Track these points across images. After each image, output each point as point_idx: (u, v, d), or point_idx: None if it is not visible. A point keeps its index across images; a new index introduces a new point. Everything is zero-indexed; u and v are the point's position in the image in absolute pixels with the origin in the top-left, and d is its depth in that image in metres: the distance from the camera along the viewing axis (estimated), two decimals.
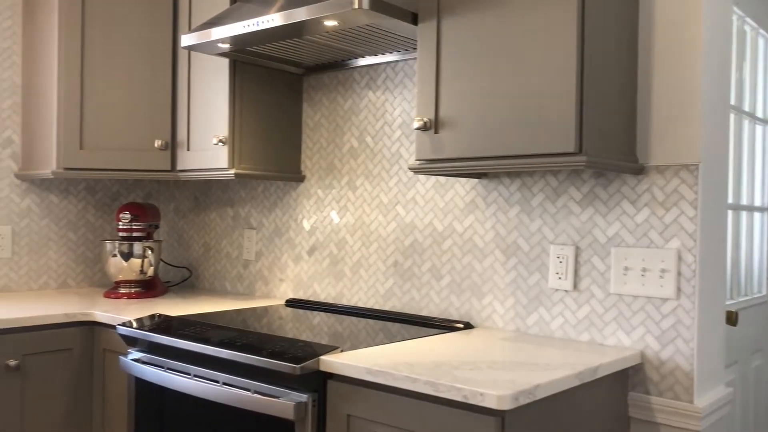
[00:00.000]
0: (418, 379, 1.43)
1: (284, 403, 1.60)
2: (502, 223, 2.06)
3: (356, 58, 2.35)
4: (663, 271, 1.75)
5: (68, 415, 2.26)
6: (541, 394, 1.41)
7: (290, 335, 1.90)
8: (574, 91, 1.55)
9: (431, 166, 1.80)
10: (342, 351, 1.68)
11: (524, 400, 1.37)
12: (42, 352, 2.19)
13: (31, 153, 2.67)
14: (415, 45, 2.13)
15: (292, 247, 2.64)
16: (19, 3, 2.71)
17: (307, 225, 2.59)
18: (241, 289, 2.83)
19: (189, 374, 1.86)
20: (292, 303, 2.54)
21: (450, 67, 1.76)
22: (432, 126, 1.78)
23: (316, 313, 2.36)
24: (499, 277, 2.06)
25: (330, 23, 1.88)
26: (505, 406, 1.32)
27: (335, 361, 1.59)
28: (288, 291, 2.65)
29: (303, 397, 1.60)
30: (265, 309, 2.41)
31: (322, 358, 1.61)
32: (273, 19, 1.93)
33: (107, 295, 2.64)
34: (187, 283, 3.05)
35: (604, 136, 1.64)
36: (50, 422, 2.22)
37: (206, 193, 3.00)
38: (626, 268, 1.81)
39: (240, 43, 2.15)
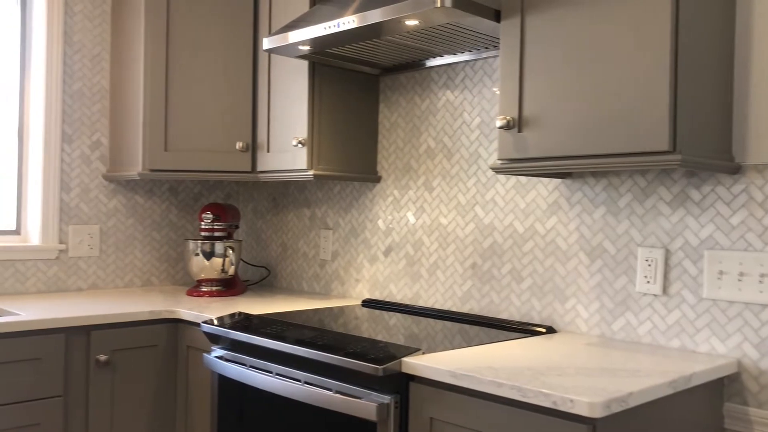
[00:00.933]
0: (503, 383, 1.40)
1: (367, 404, 1.59)
2: (586, 225, 2.00)
3: (434, 57, 2.33)
4: (762, 275, 1.65)
5: (154, 408, 2.33)
6: (633, 402, 1.36)
7: (366, 335, 1.89)
8: (668, 88, 1.48)
9: (514, 165, 1.77)
10: (423, 353, 1.66)
11: (616, 408, 1.32)
12: (130, 347, 2.27)
13: (119, 155, 2.77)
14: (496, 43, 2.09)
15: (368, 247, 2.65)
16: (108, 11, 2.82)
17: (383, 225, 2.59)
18: (318, 288, 2.86)
19: (271, 372, 1.88)
20: (368, 303, 2.54)
21: (535, 65, 1.72)
22: (515, 125, 1.75)
23: (392, 313, 2.36)
24: (584, 280, 2.00)
25: (411, 22, 1.87)
26: (597, 413, 1.28)
27: (418, 363, 1.57)
28: (364, 291, 2.66)
29: (385, 399, 1.59)
30: (342, 309, 2.42)
31: (405, 359, 1.60)
32: (354, 20, 1.93)
33: (190, 293, 2.71)
34: (265, 282, 3.10)
35: (698, 134, 1.56)
36: (137, 414, 2.30)
37: (284, 193, 3.04)
38: (721, 272, 1.72)
39: (320, 44, 2.16)
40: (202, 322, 2.12)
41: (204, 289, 2.70)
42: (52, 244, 2.68)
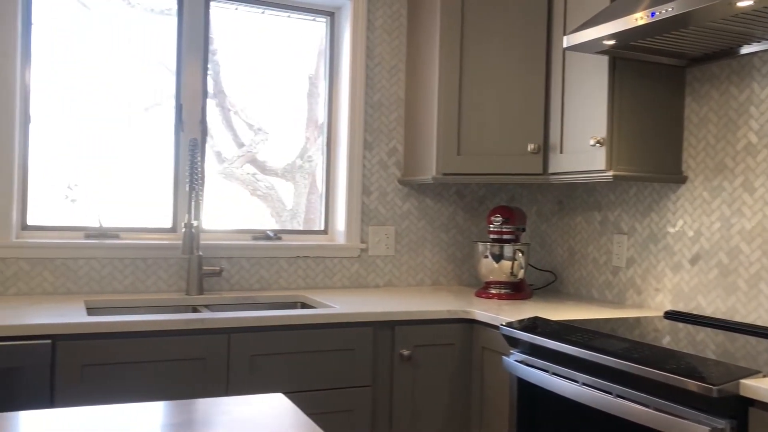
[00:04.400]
0: None
1: (697, 426, 1.45)
2: None
3: (755, 42, 2.07)
4: None
5: (451, 403, 2.40)
6: None
7: (667, 348, 1.73)
8: None
9: None
10: (764, 376, 1.46)
11: None
12: (429, 344, 2.35)
13: (413, 160, 2.91)
14: None
15: (670, 254, 2.44)
16: (404, 24, 2.98)
17: (689, 231, 2.37)
18: (610, 296, 2.71)
19: (576, 381, 1.81)
20: (671, 315, 2.34)
21: None
22: None
23: (699, 328, 2.14)
24: None
25: (744, 3, 1.67)
26: None
27: (761, 387, 1.39)
28: (665, 302, 2.45)
29: (720, 423, 1.43)
30: (638, 320, 2.26)
31: (744, 381, 1.42)
32: (672, 8, 1.78)
33: (478, 295, 2.74)
34: (550, 287, 3.03)
35: None
36: (436, 408, 2.38)
37: (571, 196, 2.94)
38: None
39: (625, 38, 2.04)
40: (501, 325, 2.12)
41: (493, 291, 2.72)
42: (354, 243, 2.91)
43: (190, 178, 2.49)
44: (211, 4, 2.78)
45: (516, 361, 2.05)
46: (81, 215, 2.64)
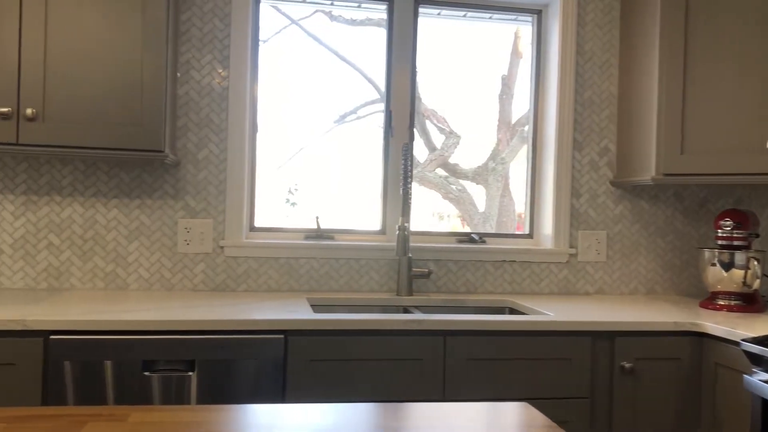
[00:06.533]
0: None
1: None
2: None
3: None
4: None
5: (676, 423, 2.22)
6: None
7: None
8: None
9: None
10: None
11: None
12: (652, 358, 2.19)
13: (627, 161, 2.75)
14: None
15: None
16: (617, 17, 2.83)
17: None
18: None
19: None
20: None
21: None
22: None
23: None
24: None
25: None
26: None
27: None
28: None
29: None
30: None
31: None
32: None
33: (703, 306, 2.52)
34: None
35: None
36: (660, 426, 2.20)
37: None
38: None
39: None
40: (742, 340, 1.92)
41: (721, 302, 2.48)
42: (563, 248, 2.81)
43: (403, 181, 2.55)
44: (420, 11, 2.83)
45: (761, 381, 1.84)
46: (300, 218, 2.81)
